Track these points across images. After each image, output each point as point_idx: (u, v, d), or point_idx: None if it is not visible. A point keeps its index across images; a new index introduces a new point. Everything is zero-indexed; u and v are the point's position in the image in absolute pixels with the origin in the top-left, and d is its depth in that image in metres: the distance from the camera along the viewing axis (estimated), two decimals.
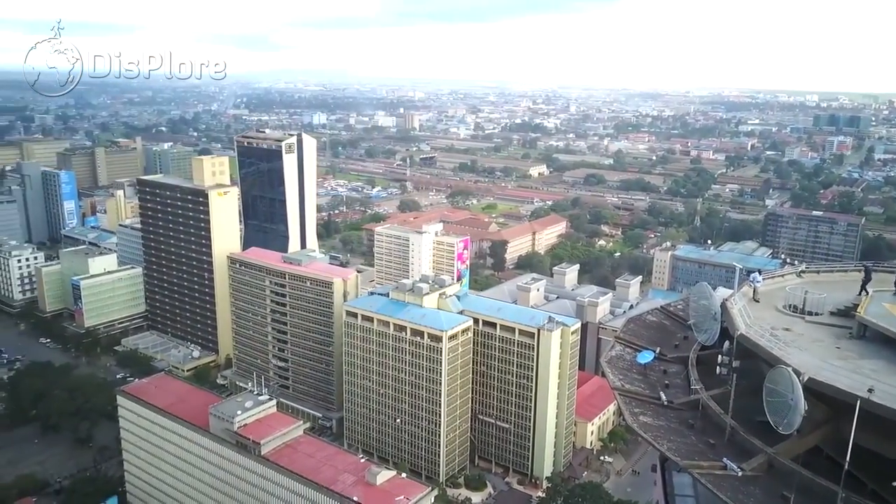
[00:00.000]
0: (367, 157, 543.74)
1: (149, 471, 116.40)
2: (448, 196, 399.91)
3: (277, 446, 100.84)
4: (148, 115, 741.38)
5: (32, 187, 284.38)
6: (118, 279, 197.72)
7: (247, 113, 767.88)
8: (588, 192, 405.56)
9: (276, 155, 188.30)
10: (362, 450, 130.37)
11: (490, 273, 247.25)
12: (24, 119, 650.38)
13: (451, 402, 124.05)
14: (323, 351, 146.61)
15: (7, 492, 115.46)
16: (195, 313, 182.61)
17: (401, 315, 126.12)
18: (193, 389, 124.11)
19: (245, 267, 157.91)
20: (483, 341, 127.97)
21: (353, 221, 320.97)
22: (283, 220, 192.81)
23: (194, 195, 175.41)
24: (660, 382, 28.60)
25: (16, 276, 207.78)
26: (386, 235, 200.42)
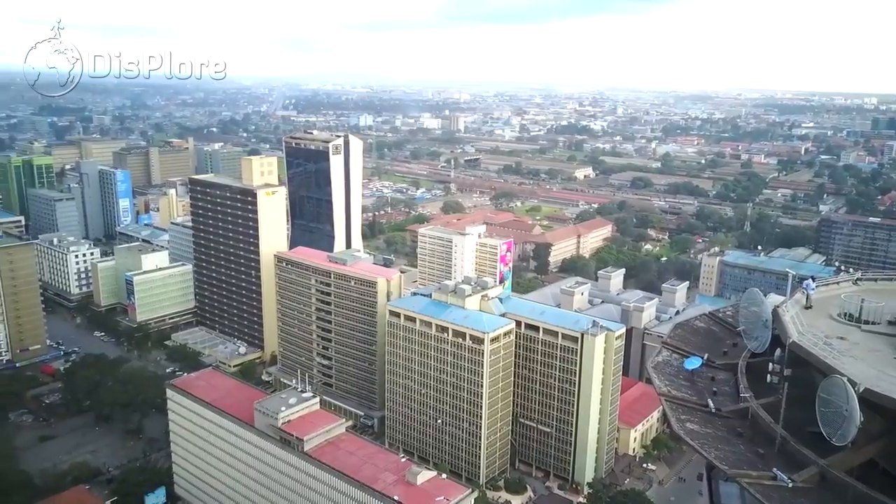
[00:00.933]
0: (411, 158, 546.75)
1: (195, 463, 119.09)
2: (492, 198, 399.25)
3: (320, 443, 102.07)
4: (200, 116, 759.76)
5: (90, 185, 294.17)
6: (169, 275, 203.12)
7: (295, 114, 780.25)
8: (634, 196, 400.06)
9: (324, 156, 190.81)
10: (403, 449, 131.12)
11: (533, 276, 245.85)
12: (83, 119, 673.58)
13: (493, 405, 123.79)
14: (366, 350, 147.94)
15: (62, 478, 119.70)
16: (242, 310, 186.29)
17: (443, 316, 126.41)
18: (239, 385, 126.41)
19: (291, 266, 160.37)
20: (525, 344, 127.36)
21: (397, 222, 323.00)
22: (328, 220, 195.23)
23: (243, 195, 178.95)
24: (707, 389, 28.10)
25: (73, 270, 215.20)
26: (429, 237, 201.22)
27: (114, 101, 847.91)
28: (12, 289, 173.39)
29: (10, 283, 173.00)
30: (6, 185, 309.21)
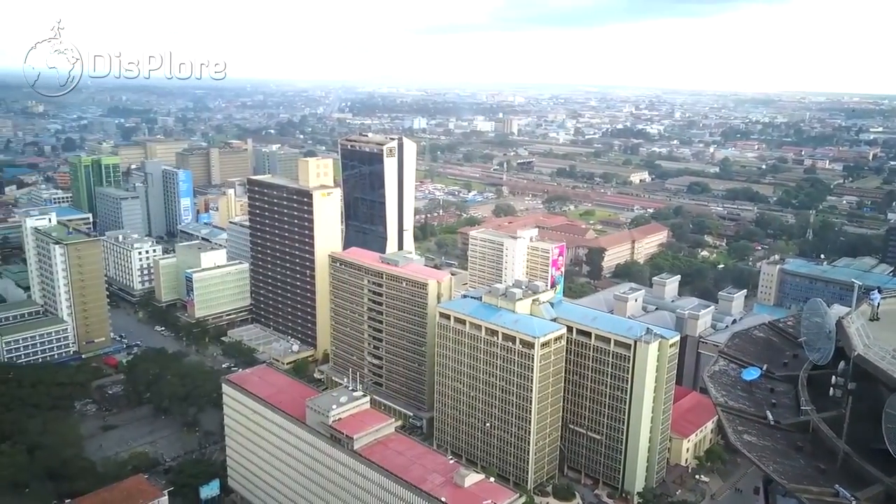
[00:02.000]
0: (464, 161, 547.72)
1: (248, 457, 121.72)
2: (545, 201, 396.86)
3: (369, 442, 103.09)
4: (259, 117, 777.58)
5: (154, 185, 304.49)
6: (227, 273, 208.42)
7: (350, 116, 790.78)
8: (691, 201, 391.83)
9: (378, 158, 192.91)
10: (451, 451, 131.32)
11: (586, 281, 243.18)
12: (148, 121, 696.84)
13: (542, 410, 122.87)
14: (416, 351, 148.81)
15: (123, 467, 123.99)
16: (296, 309, 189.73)
17: (493, 319, 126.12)
18: (292, 382, 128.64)
19: (345, 266, 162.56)
20: (576, 350, 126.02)
21: (448, 225, 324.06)
22: (381, 221, 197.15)
23: (299, 195, 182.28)
24: (766, 401, 27.35)
25: (136, 267, 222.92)
26: (480, 239, 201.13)
27: (177, 104, 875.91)
28: (80, 283, 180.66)
29: (79, 278, 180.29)
30: (77, 183, 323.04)
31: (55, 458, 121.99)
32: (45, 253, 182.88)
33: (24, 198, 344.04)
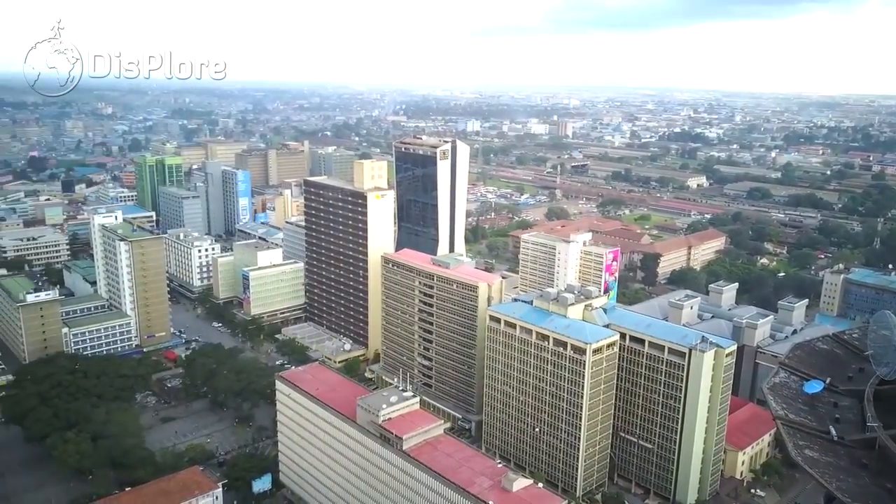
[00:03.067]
0: (517, 164, 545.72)
1: (299, 453, 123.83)
2: (599, 205, 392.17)
3: (418, 443, 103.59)
4: (315, 120, 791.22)
5: (214, 184, 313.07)
6: (282, 272, 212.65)
7: (405, 119, 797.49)
8: (751, 207, 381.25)
9: (431, 161, 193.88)
10: (499, 455, 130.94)
11: (640, 287, 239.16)
12: (209, 122, 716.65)
13: (592, 417, 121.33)
14: (465, 353, 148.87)
15: (180, 458, 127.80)
16: (349, 308, 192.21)
17: (544, 324, 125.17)
18: (344, 380, 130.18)
19: (397, 267, 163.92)
20: (629, 357, 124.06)
21: (500, 227, 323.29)
22: (433, 223, 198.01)
23: (354, 197, 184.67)
24: (829, 416, 26.42)
25: (196, 264, 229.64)
26: (532, 243, 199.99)
27: (237, 106, 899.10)
28: (143, 279, 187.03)
29: (142, 274, 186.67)
30: (141, 182, 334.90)
31: (117, 448, 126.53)
32: (111, 249, 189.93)
33: (93, 196, 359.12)
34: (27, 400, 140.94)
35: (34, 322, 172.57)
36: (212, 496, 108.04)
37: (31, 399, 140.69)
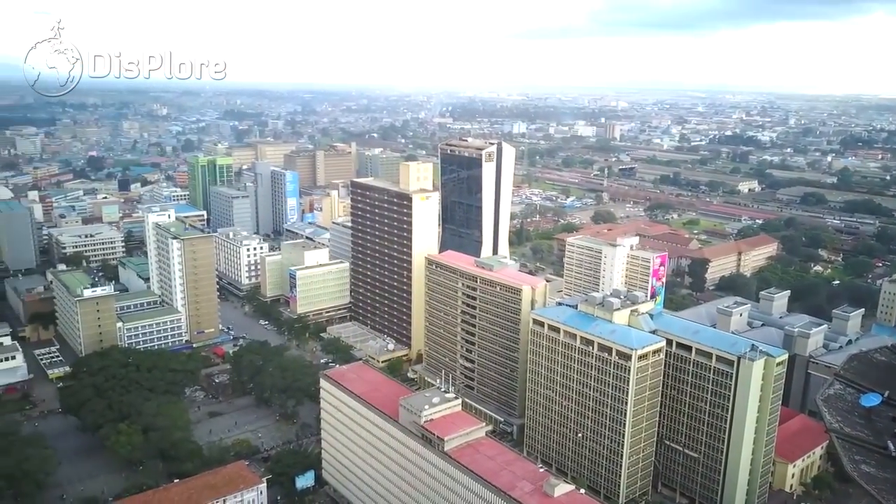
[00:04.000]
0: (563, 166, 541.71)
1: (342, 451, 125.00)
2: (646, 209, 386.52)
3: (460, 444, 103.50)
4: (363, 121, 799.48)
5: (263, 185, 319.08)
6: (328, 272, 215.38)
7: (451, 121, 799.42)
8: (805, 213, 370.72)
9: (476, 163, 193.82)
10: (541, 459, 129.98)
11: (687, 293, 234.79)
12: (259, 124, 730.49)
13: (637, 424, 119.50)
14: (508, 356, 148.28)
15: (226, 452, 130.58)
16: (393, 309, 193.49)
17: (589, 329, 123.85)
18: (386, 380, 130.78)
19: (440, 268, 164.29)
20: (675, 364, 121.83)
21: (544, 230, 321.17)
22: (477, 225, 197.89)
23: (399, 198, 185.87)
24: (888, 430, 25.52)
25: (244, 263, 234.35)
26: (578, 246, 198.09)
27: (286, 107, 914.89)
28: (194, 276, 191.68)
29: (192, 271, 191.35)
30: (193, 182, 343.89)
31: (166, 440, 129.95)
32: (164, 247, 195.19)
33: (147, 195, 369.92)
34: (83, 391, 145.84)
35: (90, 316, 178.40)
36: (256, 491, 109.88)
37: (86, 390, 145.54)
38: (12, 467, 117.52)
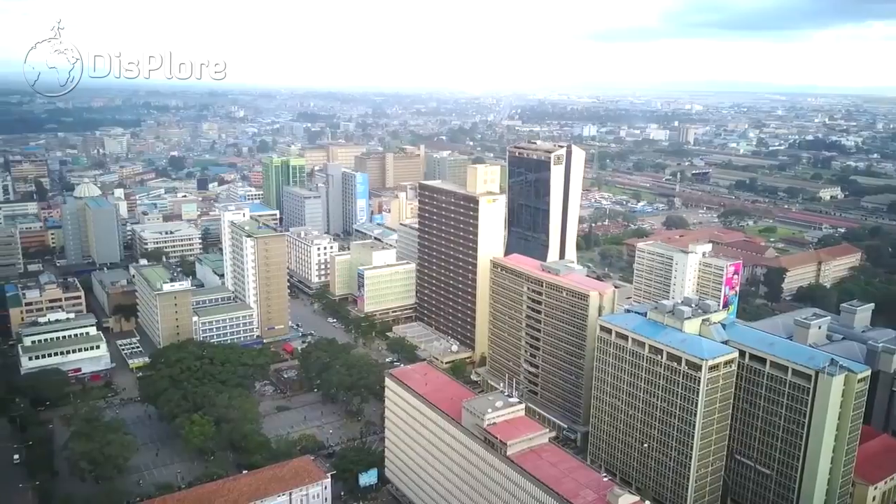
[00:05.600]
0: (634, 170, 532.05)
1: (405, 450, 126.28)
2: (720, 215, 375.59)
3: (523, 449, 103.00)
4: (432, 124, 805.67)
5: (334, 186, 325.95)
6: (395, 272, 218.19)
7: (520, 124, 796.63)
8: (892, 222, 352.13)
9: (545, 166, 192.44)
10: (605, 468, 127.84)
11: (762, 303, 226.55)
12: (331, 126, 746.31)
13: (706, 436, 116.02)
14: (573, 362, 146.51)
15: (293, 446, 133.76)
16: (457, 310, 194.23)
17: (658, 337, 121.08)
18: (450, 381, 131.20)
19: (505, 272, 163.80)
20: (748, 376, 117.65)
21: (613, 235, 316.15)
22: (544, 229, 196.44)
23: (466, 201, 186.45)
24: None
25: (314, 261, 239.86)
26: (648, 252, 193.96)
27: (358, 110, 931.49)
28: (266, 274, 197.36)
29: (265, 269, 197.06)
30: (267, 182, 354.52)
31: (237, 432, 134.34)
32: (238, 244, 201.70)
33: (224, 194, 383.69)
34: (160, 382, 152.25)
35: (169, 310, 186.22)
36: (321, 485, 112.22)
37: (163, 381, 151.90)
38: (95, 451, 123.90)
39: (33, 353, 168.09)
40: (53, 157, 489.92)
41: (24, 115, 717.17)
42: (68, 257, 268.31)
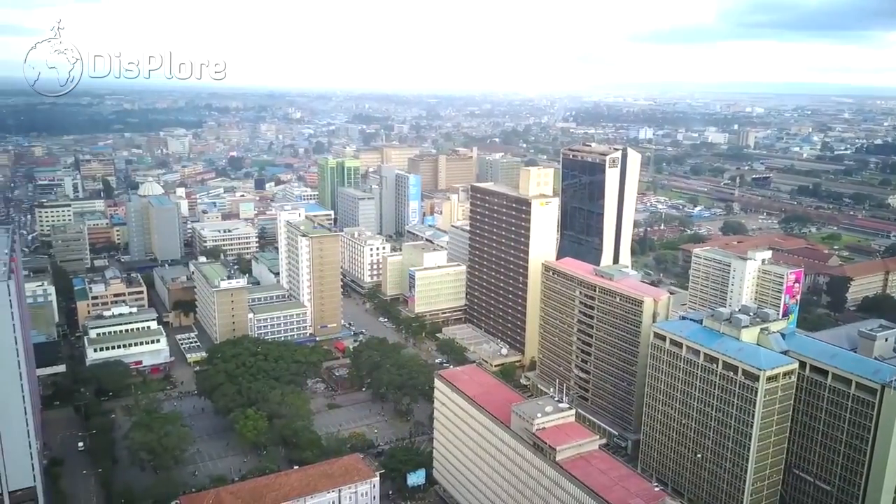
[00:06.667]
0: (691, 174, 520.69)
1: (453, 452, 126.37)
2: (781, 221, 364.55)
3: (572, 455, 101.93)
4: (485, 126, 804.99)
5: (387, 187, 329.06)
6: (446, 274, 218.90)
7: (574, 126, 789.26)
8: None
9: (599, 168, 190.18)
10: (657, 477, 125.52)
11: (824, 313, 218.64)
12: (386, 128, 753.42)
13: (762, 449, 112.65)
14: (625, 369, 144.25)
15: (343, 444, 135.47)
16: (507, 313, 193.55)
17: (714, 346, 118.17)
18: (499, 384, 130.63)
19: (557, 275, 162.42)
20: (809, 389, 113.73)
21: (669, 240, 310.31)
22: (598, 233, 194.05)
23: (518, 203, 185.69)
24: None
25: (367, 262, 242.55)
26: (705, 258, 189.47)
27: (412, 112, 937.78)
28: (320, 273, 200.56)
29: (319, 268, 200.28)
30: (323, 183, 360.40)
31: (289, 428, 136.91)
32: (294, 244, 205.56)
33: (280, 194, 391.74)
34: (217, 376, 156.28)
35: (225, 306, 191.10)
36: (370, 484, 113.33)
37: (219, 376, 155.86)
38: (154, 442, 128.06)
39: (98, 345, 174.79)
40: (120, 157, 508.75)
41: (93, 116, 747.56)
42: (132, 253, 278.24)
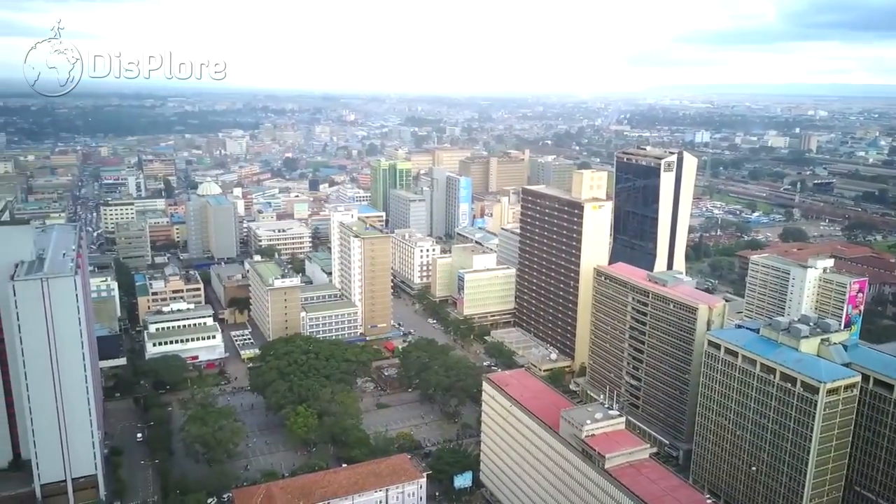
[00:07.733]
0: (749, 178, 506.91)
1: (500, 455, 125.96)
2: (844, 228, 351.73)
3: (621, 463, 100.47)
4: (537, 128, 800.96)
5: (438, 189, 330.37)
6: (495, 276, 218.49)
7: (628, 129, 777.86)
8: None
9: (654, 172, 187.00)
10: (709, 489, 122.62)
11: (890, 324, 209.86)
12: (438, 130, 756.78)
13: (821, 464, 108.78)
14: (678, 377, 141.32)
15: (391, 444, 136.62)
16: (557, 318, 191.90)
17: (771, 356, 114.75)
18: (548, 389, 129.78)
19: (610, 280, 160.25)
20: (872, 403, 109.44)
21: (725, 246, 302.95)
22: (652, 238, 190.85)
23: (570, 207, 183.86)
24: None
25: (417, 263, 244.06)
26: (763, 265, 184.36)
27: (464, 114, 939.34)
28: (371, 273, 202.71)
29: (370, 269, 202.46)
30: (375, 184, 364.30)
31: (338, 426, 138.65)
32: (346, 244, 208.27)
33: (334, 195, 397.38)
34: (269, 373, 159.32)
35: (279, 304, 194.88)
36: (417, 484, 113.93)
37: (272, 373, 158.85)
38: (208, 435, 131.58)
39: (157, 339, 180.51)
40: (180, 157, 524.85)
41: (156, 117, 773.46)
42: (190, 251, 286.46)
